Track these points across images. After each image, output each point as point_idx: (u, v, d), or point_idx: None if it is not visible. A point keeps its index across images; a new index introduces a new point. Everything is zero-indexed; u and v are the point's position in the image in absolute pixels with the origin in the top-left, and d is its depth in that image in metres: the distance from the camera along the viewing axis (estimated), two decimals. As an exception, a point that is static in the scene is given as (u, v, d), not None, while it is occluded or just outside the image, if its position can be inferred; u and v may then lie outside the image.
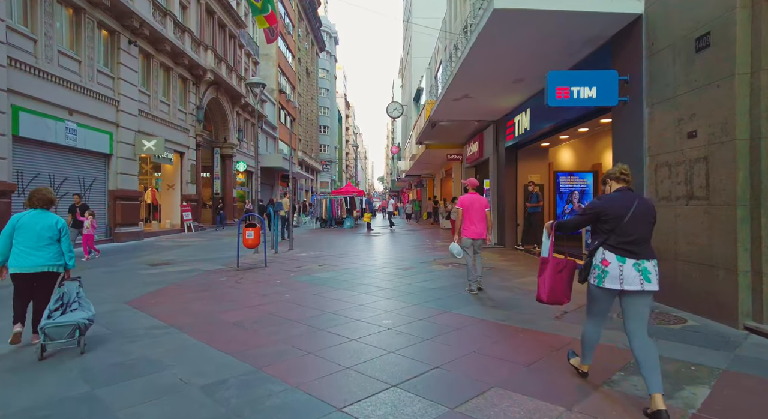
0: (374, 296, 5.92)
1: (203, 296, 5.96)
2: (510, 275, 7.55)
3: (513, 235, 11.76)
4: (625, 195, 2.91)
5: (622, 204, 2.84)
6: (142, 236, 14.95)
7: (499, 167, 12.48)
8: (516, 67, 8.16)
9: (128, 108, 14.19)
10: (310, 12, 46.47)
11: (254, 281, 7.07)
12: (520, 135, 10.62)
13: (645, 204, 2.89)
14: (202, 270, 8.34)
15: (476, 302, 5.54)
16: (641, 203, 2.86)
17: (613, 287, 2.80)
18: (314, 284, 6.77)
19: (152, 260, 9.70)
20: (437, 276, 7.44)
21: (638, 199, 2.89)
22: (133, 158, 14.61)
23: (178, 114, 18.13)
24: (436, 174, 27.69)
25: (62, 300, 3.91)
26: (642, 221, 2.83)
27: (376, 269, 8.24)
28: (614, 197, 2.92)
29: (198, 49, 19.32)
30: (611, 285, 2.80)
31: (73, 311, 3.88)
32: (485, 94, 9.91)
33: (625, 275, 2.76)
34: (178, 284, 6.84)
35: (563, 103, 6.02)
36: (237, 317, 4.88)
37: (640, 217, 2.82)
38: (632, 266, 2.76)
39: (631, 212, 2.81)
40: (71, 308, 3.92)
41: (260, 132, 30.04)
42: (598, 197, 3.06)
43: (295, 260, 9.53)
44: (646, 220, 2.85)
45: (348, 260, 9.53)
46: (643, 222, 2.83)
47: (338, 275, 7.57)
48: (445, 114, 12.15)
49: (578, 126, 8.66)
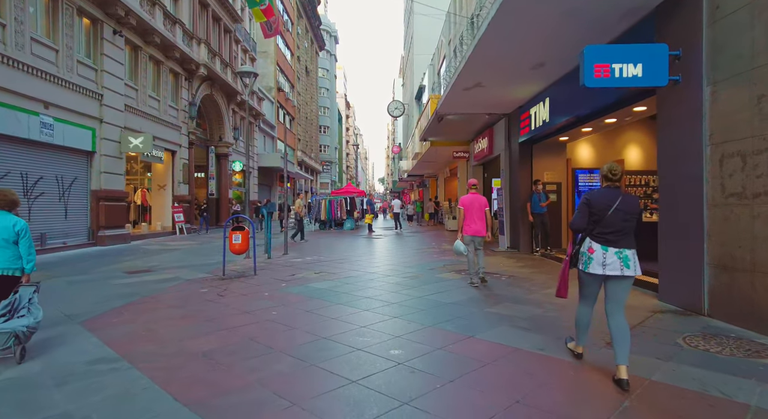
0: (378, 313, 4.95)
1: (175, 314, 5.01)
2: (534, 285, 6.58)
3: (528, 238, 10.79)
4: (611, 191, 3.23)
5: (606, 199, 3.18)
6: (129, 240, 14.00)
7: (511, 164, 11.52)
8: (537, 49, 7.21)
9: (113, 102, 13.25)
10: (310, 10, 45.58)
11: (239, 294, 6.11)
12: (537, 128, 9.66)
13: (628, 200, 3.19)
14: (184, 279, 7.39)
15: (503, 322, 4.57)
16: (625, 199, 3.18)
17: (597, 272, 3.16)
18: (308, 298, 5.81)
19: (132, 267, 8.75)
20: (449, 287, 6.47)
21: (622, 196, 3.19)
22: (118, 156, 13.67)
23: (169, 110, 17.20)
24: (439, 174, 26.73)
25: (11, 306, 3.61)
26: (624, 215, 3.14)
27: (379, 278, 7.27)
28: (601, 192, 3.27)
29: (191, 43, 18.40)
30: (595, 270, 3.17)
31: (19, 318, 3.56)
32: (499, 82, 8.95)
33: (608, 262, 3.12)
34: (152, 298, 5.89)
35: (602, 84, 5.06)
36: (210, 344, 3.92)
37: (623, 212, 3.14)
38: (614, 254, 3.12)
39: (614, 207, 3.13)
40: (19, 314, 3.61)
41: (258, 131, 29.10)
42: (589, 192, 3.36)
43: (289, 267, 8.57)
44: (629, 213, 3.15)
45: (348, 267, 8.57)
46: (625, 215, 3.14)
47: (336, 286, 6.60)
48: (453, 106, 11.19)
49: (606, 116, 7.69)
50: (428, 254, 10.77)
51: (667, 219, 5.36)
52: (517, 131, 10.95)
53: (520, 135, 10.72)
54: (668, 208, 5.35)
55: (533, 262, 9.15)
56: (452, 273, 7.72)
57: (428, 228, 21.90)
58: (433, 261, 9.33)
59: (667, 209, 5.38)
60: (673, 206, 5.26)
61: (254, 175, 28.19)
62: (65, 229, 11.69)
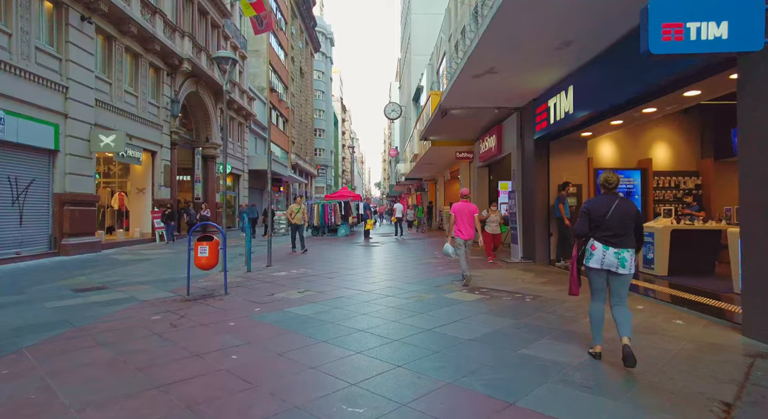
0: (375, 358, 3.65)
1: (99, 360, 3.68)
2: (568, 310, 5.30)
3: (544, 248, 9.53)
4: (607, 197, 3.61)
5: (603, 204, 3.57)
6: (100, 248, 12.62)
7: (524, 164, 10.27)
8: (566, 23, 5.98)
9: (81, 96, 11.93)
10: (304, 10, 44.47)
11: (197, 323, 4.78)
12: (557, 122, 8.42)
13: (625, 204, 3.54)
14: (139, 300, 6.06)
15: (550, 374, 3.27)
16: (621, 204, 3.53)
17: (596, 266, 3.54)
18: (284, 330, 4.49)
19: (84, 283, 7.40)
20: (464, 313, 5.18)
21: (618, 200, 3.55)
22: (87, 156, 12.31)
23: (148, 108, 15.88)
24: (439, 177, 25.48)
25: None
26: (621, 218, 3.49)
27: (376, 300, 5.96)
28: (597, 199, 3.67)
29: (173, 36, 17.11)
30: (594, 265, 3.55)
31: None
32: (516, 67, 7.71)
33: (606, 260, 3.50)
34: (82, 330, 4.55)
35: (672, 49, 3.82)
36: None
37: (619, 215, 3.49)
38: (613, 254, 3.48)
39: (611, 211, 3.51)
40: None
41: (249, 132, 27.81)
42: (588, 200, 3.91)
43: (269, 284, 7.25)
44: (626, 217, 3.49)
45: (339, 283, 7.26)
46: (622, 219, 3.49)
47: (322, 312, 5.29)
48: (459, 99, 9.94)
49: (645, 104, 6.45)
50: (432, 266, 9.47)
51: (753, 228, 4.09)
52: (532, 126, 9.71)
53: (535, 131, 9.47)
54: (755, 213, 4.08)
55: (555, 276, 7.87)
56: (464, 292, 6.42)
57: (429, 235, 20.59)
58: (438, 276, 8.03)
59: (751, 215, 4.12)
60: (763, 210, 3.99)
61: (245, 178, 26.85)
62: (20, 237, 10.31)
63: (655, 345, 3.94)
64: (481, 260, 10.33)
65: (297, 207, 12.48)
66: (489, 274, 8.15)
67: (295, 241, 12.59)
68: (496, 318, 4.93)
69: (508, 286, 6.88)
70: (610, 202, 3.53)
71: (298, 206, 12.52)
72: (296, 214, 12.39)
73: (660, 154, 10.18)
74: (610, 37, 6.27)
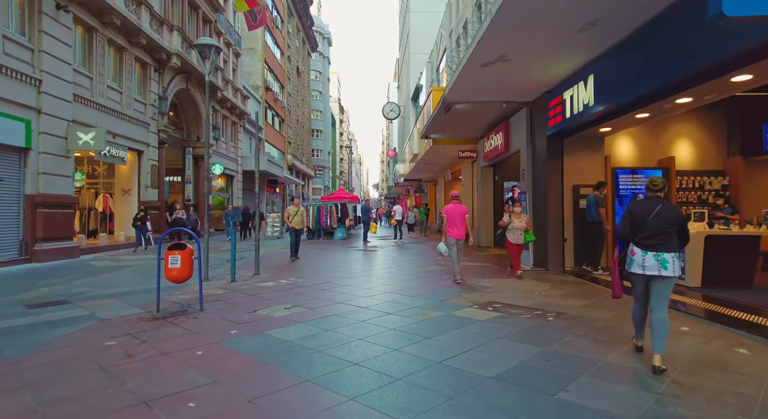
0: (374, 409, 2.81)
1: (7, 413, 2.83)
2: (601, 332, 4.47)
3: (558, 254, 8.71)
4: (651, 200, 3.62)
5: (646, 208, 3.57)
6: (77, 254, 11.75)
7: (534, 163, 9.46)
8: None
9: (56, 90, 11.07)
10: (302, 8, 43.67)
11: (159, 352, 3.93)
12: (573, 116, 7.62)
13: (668, 208, 3.52)
14: (99, 318, 5.21)
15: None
16: (664, 208, 3.51)
17: (638, 271, 3.54)
18: (261, 364, 3.65)
19: (41, 297, 6.54)
20: (482, 337, 4.35)
21: (662, 204, 3.54)
22: (64, 155, 11.45)
23: (134, 104, 15.02)
24: (439, 177, 24.65)
25: None
26: (663, 222, 3.47)
27: (374, 319, 5.12)
28: (641, 201, 3.71)
29: (160, 29, 16.26)
30: (636, 270, 3.56)
31: None
32: (531, 53, 6.90)
33: (646, 263, 3.48)
34: (7, 364, 3.69)
35: (753, 11, 3.00)
36: None
37: (660, 219, 3.47)
38: (652, 257, 3.46)
39: (653, 214, 3.49)
40: None
41: (243, 132, 26.95)
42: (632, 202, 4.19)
43: (253, 297, 6.40)
44: (668, 221, 3.46)
45: (333, 296, 6.42)
46: (664, 223, 3.46)
47: (310, 336, 4.44)
48: (465, 92, 9.13)
49: (681, 94, 5.64)
50: (435, 274, 8.63)
51: None
52: (544, 122, 8.90)
53: (548, 126, 8.66)
54: None
55: (574, 287, 7.05)
56: (476, 308, 5.59)
57: (430, 238, 19.73)
58: (443, 287, 7.20)
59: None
60: None
61: (238, 179, 25.98)
62: (-15, 243, 9.45)
63: (730, 387, 3.11)
64: (489, 268, 9.51)
65: (295, 209, 11.01)
66: (500, 285, 7.32)
67: (294, 248, 11.08)
68: (518, 344, 4.10)
69: (523, 300, 6.05)
70: (654, 205, 3.54)
71: (296, 208, 11.07)
72: (294, 217, 10.92)
73: (682, 152, 9.38)
74: (644, 15, 5.46)
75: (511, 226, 8.06)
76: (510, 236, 8.07)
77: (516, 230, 8.02)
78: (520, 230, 8.01)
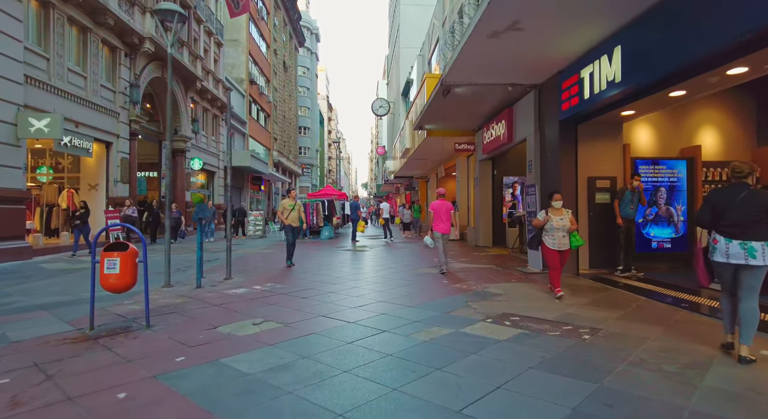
0: None
1: None
2: (660, 357, 3.45)
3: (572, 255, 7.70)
4: (734, 187, 3.46)
5: (728, 195, 3.43)
6: (30, 255, 10.42)
7: (544, 152, 8.46)
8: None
9: (3, 70, 9.75)
10: (288, 1, 42.29)
11: (62, 398, 2.78)
12: (593, 96, 6.62)
13: (755, 194, 3.34)
14: (9, 341, 4.03)
15: None
16: (749, 195, 3.34)
17: (721, 260, 3.41)
18: (203, 415, 2.53)
19: (-41, 309, 5.31)
20: (508, 368, 3.28)
21: (747, 191, 3.37)
22: (13, 143, 10.12)
23: (101, 91, 13.69)
24: (431, 174, 23.62)
25: None
26: (747, 209, 3.31)
27: (365, 339, 4.03)
28: (723, 189, 3.58)
29: (131, 10, 14.92)
30: (719, 259, 3.42)
31: None
32: (550, 18, 5.87)
33: (731, 252, 3.33)
34: None
35: None
36: None
37: (745, 205, 3.32)
38: (738, 245, 3.31)
39: (737, 202, 3.35)
40: None
41: (224, 125, 25.59)
42: (713, 189, 3.79)
43: (217, 308, 5.26)
44: (753, 208, 3.30)
45: (315, 307, 5.31)
46: (749, 210, 3.30)
47: (280, 366, 3.33)
48: (468, 71, 8.07)
49: (743, 59, 4.66)
50: (433, 278, 7.56)
51: None
52: (555, 106, 7.91)
53: (561, 110, 7.66)
54: None
55: (596, 294, 6.04)
56: (490, 322, 4.53)
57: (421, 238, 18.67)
58: (446, 294, 6.13)
59: None
60: None
61: (219, 175, 24.64)
62: None
63: None
64: (492, 270, 8.48)
65: (291, 203, 9.36)
66: (511, 291, 6.28)
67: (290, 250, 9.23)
68: (559, 378, 3.04)
69: (544, 311, 5.02)
70: (737, 192, 3.42)
71: (292, 201, 9.41)
72: (290, 212, 9.27)
73: (707, 140, 8.46)
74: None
75: (549, 225, 5.83)
76: (548, 239, 5.84)
77: (556, 232, 5.78)
78: (562, 231, 5.78)
